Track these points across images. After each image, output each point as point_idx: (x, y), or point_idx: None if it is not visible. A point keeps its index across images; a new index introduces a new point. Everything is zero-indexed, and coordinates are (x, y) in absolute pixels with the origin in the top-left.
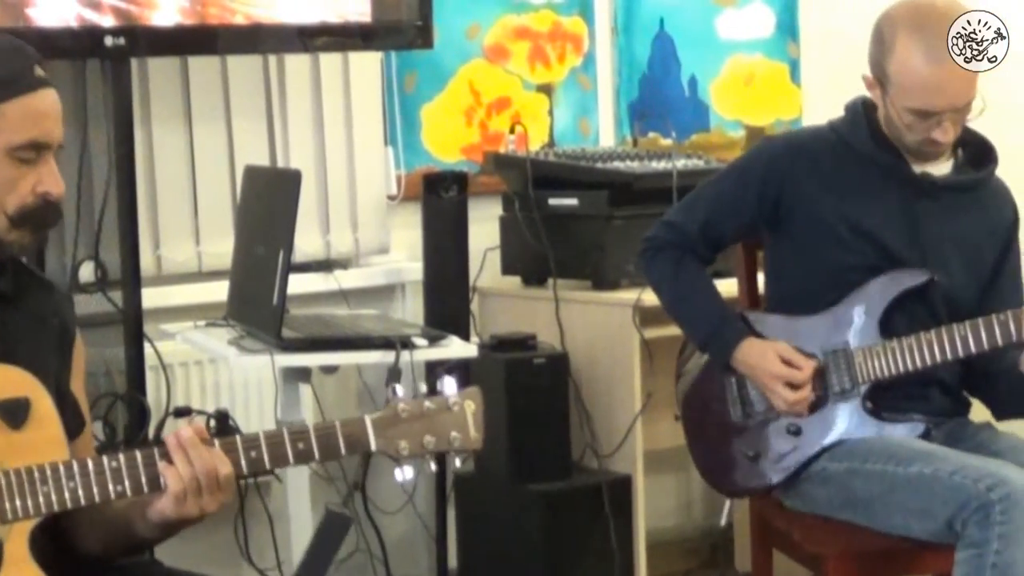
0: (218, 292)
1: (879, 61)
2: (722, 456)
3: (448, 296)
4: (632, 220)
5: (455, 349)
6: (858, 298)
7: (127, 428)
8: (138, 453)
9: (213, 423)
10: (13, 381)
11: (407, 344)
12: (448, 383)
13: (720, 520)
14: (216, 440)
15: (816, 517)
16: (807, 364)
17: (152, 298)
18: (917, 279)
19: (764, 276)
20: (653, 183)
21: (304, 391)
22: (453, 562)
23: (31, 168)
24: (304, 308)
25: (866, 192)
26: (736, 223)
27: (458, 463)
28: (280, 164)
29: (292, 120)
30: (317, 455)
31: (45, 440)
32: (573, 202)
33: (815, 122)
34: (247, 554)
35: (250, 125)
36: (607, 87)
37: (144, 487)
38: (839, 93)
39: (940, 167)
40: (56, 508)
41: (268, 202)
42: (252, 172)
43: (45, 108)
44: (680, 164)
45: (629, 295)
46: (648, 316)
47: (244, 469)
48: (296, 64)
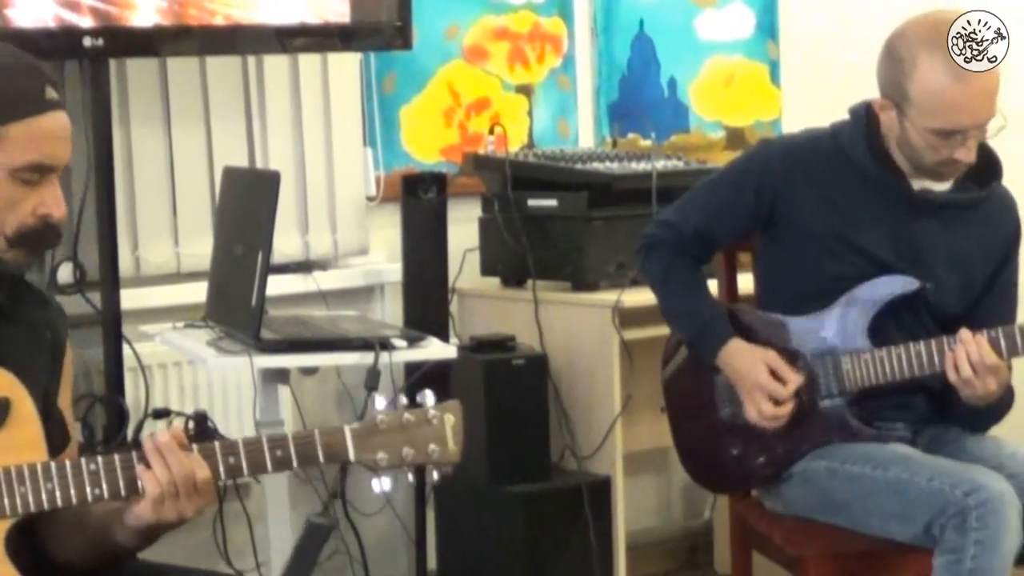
0: (197, 293)
1: (898, 82)
2: (706, 451)
3: (427, 297)
4: (611, 221)
5: (434, 350)
6: (849, 302)
7: (106, 429)
8: (116, 456)
9: (192, 424)
10: None
11: (386, 345)
12: (428, 396)
13: (703, 515)
14: (195, 445)
15: (796, 519)
16: (793, 379)
17: (131, 299)
18: (908, 286)
19: (755, 275)
20: (632, 184)
21: (283, 392)
22: (432, 564)
23: (33, 189)
24: (283, 309)
25: (861, 207)
26: (730, 226)
27: (435, 476)
28: (259, 165)
29: (271, 121)
30: (295, 463)
31: (24, 441)
32: (552, 203)
33: (795, 123)
34: (226, 556)
35: (229, 126)
36: (586, 88)
37: (122, 490)
38: (819, 94)
39: (941, 183)
40: (33, 509)
41: (247, 203)
42: (231, 173)
43: (52, 130)
44: (660, 165)
45: (608, 296)
46: (628, 317)
47: (222, 475)
48: (275, 65)
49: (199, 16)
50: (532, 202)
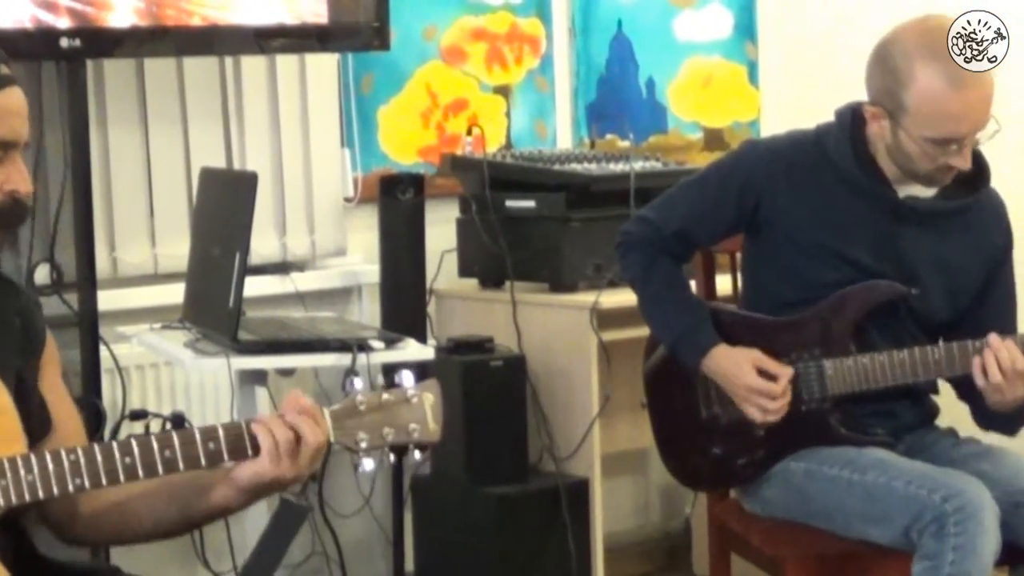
0: (174, 294)
1: (892, 92)
2: (687, 448)
3: (405, 298)
4: (590, 222)
5: (412, 351)
6: (833, 306)
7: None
8: (95, 446)
9: (168, 426)
10: None
11: (364, 347)
12: (406, 376)
13: (682, 516)
14: (174, 432)
15: (774, 520)
16: (783, 373)
17: (108, 300)
18: (894, 292)
19: (740, 275)
20: (611, 185)
21: (260, 394)
22: (410, 565)
23: None
24: (260, 310)
25: (845, 213)
26: (712, 229)
27: (417, 455)
28: (236, 166)
29: (248, 122)
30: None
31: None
32: (530, 204)
33: (773, 124)
34: (203, 557)
35: (206, 127)
36: (564, 89)
37: (103, 480)
38: (798, 95)
39: (927, 189)
40: (15, 501)
41: (224, 204)
42: (208, 174)
43: (11, 106)
44: (638, 166)
45: (587, 297)
46: (606, 318)
47: (203, 460)
48: (252, 66)
49: (176, 17)
50: (510, 203)
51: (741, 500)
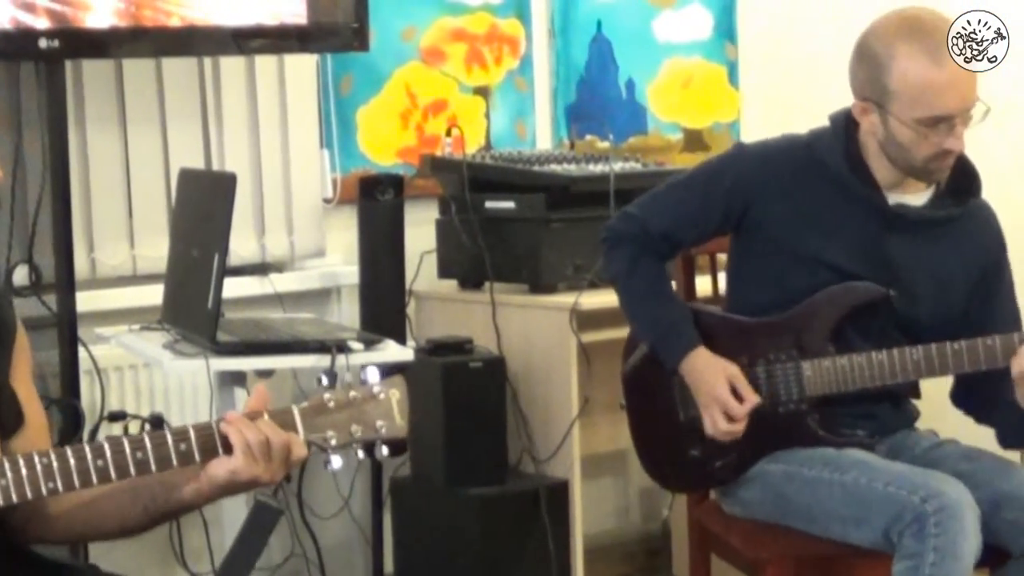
0: (153, 296)
1: (876, 79)
2: (665, 450)
3: (384, 300)
4: (569, 223)
5: (391, 353)
6: (812, 308)
7: (61, 432)
8: (68, 450)
9: (148, 428)
10: None
11: (343, 348)
12: (371, 373)
13: (661, 518)
14: (145, 434)
15: (755, 522)
16: (751, 399)
17: (86, 302)
18: (872, 294)
19: (726, 276)
20: (590, 186)
21: (239, 395)
22: (389, 567)
23: None
24: (239, 312)
25: (834, 220)
26: (699, 230)
27: (384, 451)
28: (215, 167)
29: (227, 123)
30: None
31: None
32: (510, 205)
33: (753, 124)
34: (182, 559)
35: (185, 128)
36: (544, 90)
37: (76, 483)
38: (777, 96)
39: (918, 197)
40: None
41: (203, 205)
42: (187, 175)
43: None
44: (617, 167)
45: (566, 299)
46: (585, 320)
47: (174, 461)
48: (231, 66)
49: (155, 17)
50: (489, 204)
51: (720, 502)
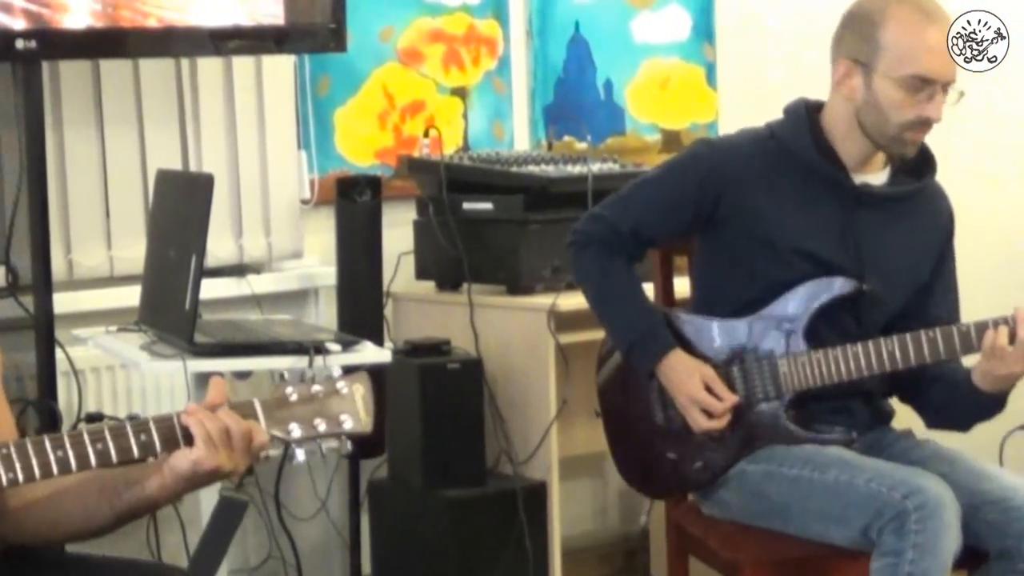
0: (130, 297)
1: (868, 37)
2: (642, 455)
3: (362, 301)
4: (547, 224)
5: (369, 354)
6: (786, 304)
7: (38, 433)
8: (27, 440)
9: None
10: None
11: (320, 349)
12: (335, 369)
13: (639, 519)
14: (105, 426)
15: (733, 524)
16: (728, 397)
17: (63, 303)
18: (845, 288)
19: (692, 276)
20: (568, 187)
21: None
22: (367, 568)
23: None
24: (216, 313)
25: (806, 204)
26: (669, 228)
27: (349, 446)
28: (192, 168)
29: (205, 124)
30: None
31: None
32: (488, 206)
33: (731, 125)
34: (158, 557)
35: (162, 128)
36: (522, 90)
37: (36, 474)
38: (756, 96)
39: (878, 176)
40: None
41: (180, 206)
42: (164, 176)
43: None
44: (595, 168)
45: (544, 300)
46: (563, 321)
47: (135, 452)
48: (208, 67)
49: (132, 18)
50: (467, 205)
51: (699, 503)
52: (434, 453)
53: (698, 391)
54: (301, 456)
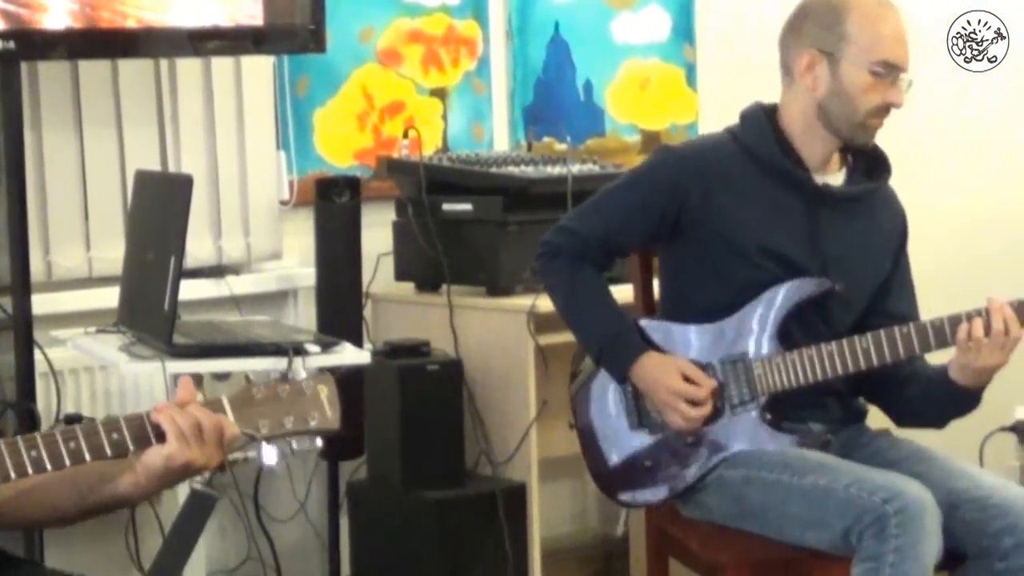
0: (109, 298)
1: (831, 26)
2: (616, 465)
3: (341, 302)
4: (527, 226)
5: (348, 355)
6: (757, 307)
7: (16, 435)
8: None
9: None
10: None
11: (299, 351)
12: (299, 371)
13: (616, 529)
14: (76, 426)
15: (713, 526)
16: (707, 382)
17: (42, 304)
18: (816, 288)
19: (659, 282)
20: (548, 188)
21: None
22: (346, 570)
23: None
24: (195, 314)
25: (771, 205)
26: (638, 235)
27: (319, 443)
28: (171, 169)
29: (183, 124)
30: None
31: None
32: (467, 207)
33: (711, 126)
34: (139, 563)
35: (141, 129)
36: (501, 91)
37: (11, 474)
38: (735, 97)
39: (835, 177)
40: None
41: (159, 207)
42: (143, 177)
43: None
44: (575, 169)
45: (523, 301)
46: (543, 323)
47: (108, 450)
48: (188, 68)
49: (111, 19)
50: (447, 206)
51: (679, 505)
52: (413, 454)
53: (678, 383)
54: (270, 458)
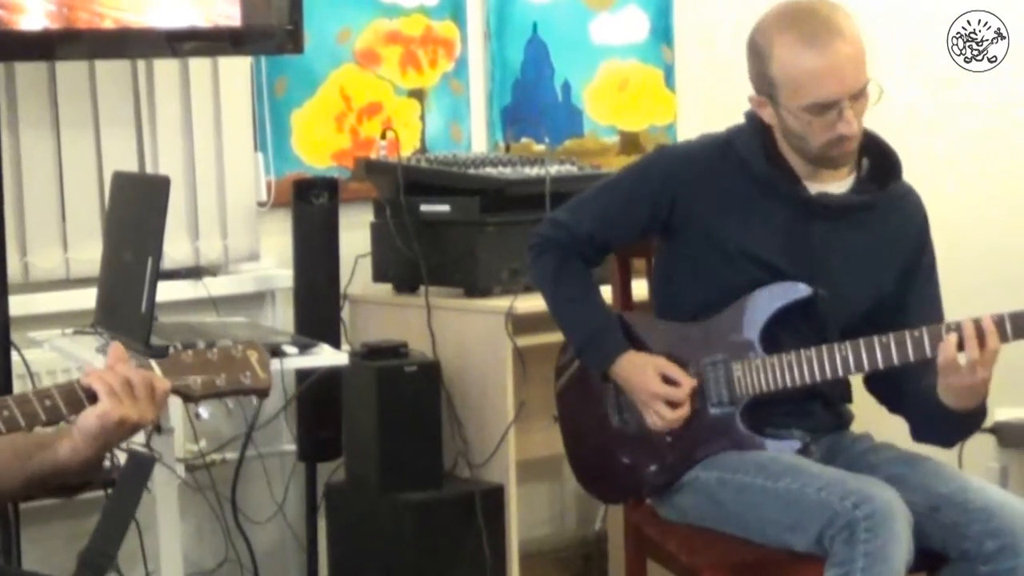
0: (86, 299)
1: (762, 72)
2: (598, 460)
3: (319, 303)
4: (505, 227)
5: (326, 357)
6: (741, 310)
7: None
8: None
9: None
10: None
11: (277, 352)
12: (225, 341)
13: (594, 525)
14: (8, 396)
15: (691, 528)
16: (686, 382)
17: (19, 305)
18: (800, 293)
19: (652, 280)
20: (526, 189)
21: (173, 400)
22: (324, 572)
23: None
24: (173, 316)
25: (757, 212)
26: (626, 232)
27: (255, 401)
28: (149, 170)
29: (161, 126)
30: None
31: None
32: (445, 208)
33: (690, 127)
34: (116, 565)
35: (118, 130)
36: (479, 92)
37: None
38: (714, 98)
39: (840, 184)
40: None
41: (137, 209)
42: (120, 178)
43: None
44: (553, 170)
45: (501, 303)
46: (521, 324)
47: (42, 416)
48: (165, 69)
49: (88, 20)
50: (424, 207)
51: (657, 507)
52: (391, 456)
53: (657, 385)
54: (205, 413)
